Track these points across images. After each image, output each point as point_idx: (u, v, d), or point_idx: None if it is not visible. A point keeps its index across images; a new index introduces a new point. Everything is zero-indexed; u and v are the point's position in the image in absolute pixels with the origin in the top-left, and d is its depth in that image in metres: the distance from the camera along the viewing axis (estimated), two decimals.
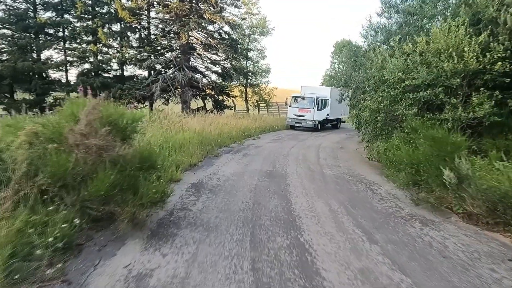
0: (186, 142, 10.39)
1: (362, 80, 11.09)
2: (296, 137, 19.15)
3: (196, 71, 24.11)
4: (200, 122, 15.01)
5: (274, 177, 8.53)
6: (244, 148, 13.36)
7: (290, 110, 23.75)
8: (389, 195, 7.29)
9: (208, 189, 7.04)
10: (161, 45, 22.98)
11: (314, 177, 8.75)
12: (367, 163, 11.71)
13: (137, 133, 5.66)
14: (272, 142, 15.90)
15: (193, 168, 9.06)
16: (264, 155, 12.02)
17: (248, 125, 19.67)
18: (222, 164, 9.83)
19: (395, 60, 9.36)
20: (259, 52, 29.70)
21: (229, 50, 22.10)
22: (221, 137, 14.12)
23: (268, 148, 13.74)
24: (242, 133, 16.98)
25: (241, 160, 10.67)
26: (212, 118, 17.74)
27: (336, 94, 25.28)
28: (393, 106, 9.54)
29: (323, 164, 10.79)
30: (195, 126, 13.07)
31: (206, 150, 11.09)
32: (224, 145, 13.54)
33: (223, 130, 15.61)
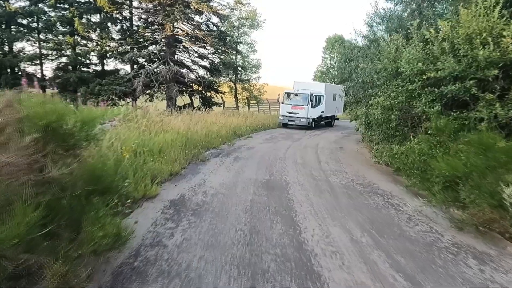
0: (167, 146, 8.76)
1: (369, 72, 9.63)
2: (290, 136, 17.65)
3: (182, 65, 22.35)
4: (186, 121, 13.36)
5: (273, 188, 6.99)
6: (235, 150, 11.78)
7: (282, 107, 22.24)
8: (416, 213, 5.82)
9: (191, 210, 5.45)
10: (144, 37, 21.13)
11: (320, 188, 7.24)
12: (373, 167, 10.29)
13: (90, 141, 4.04)
14: (265, 143, 14.36)
15: (174, 178, 7.44)
16: (258, 158, 10.46)
17: (238, 123, 18.09)
18: (210, 172, 8.24)
19: (413, 49, 7.91)
20: (249, 46, 28.12)
21: (218, 42, 20.41)
22: (209, 138, 12.51)
23: (261, 150, 12.20)
24: (232, 133, 15.38)
25: (232, 166, 9.09)
26: (199, 116, 16.09)
27: (330, 90, 23.94)
28: (409, 103, 8.11)
29: (326, 170, 9.30)
30: (179, 125, 11.43)
31: (191, 154, 9.47)
32: (213, 147, 11.94)
33: (211, 129, 13.99)
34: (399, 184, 8.03)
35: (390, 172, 9.42)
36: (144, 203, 5.56)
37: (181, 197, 6.06)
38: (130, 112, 10.67)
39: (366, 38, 11.20)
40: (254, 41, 28.05)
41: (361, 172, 9.30)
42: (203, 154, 10.29)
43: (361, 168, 9.84)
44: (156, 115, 11.22)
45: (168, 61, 20.58)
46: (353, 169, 9.60)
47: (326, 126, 24.46)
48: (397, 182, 8.24)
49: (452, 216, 5.50)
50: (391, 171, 9.54)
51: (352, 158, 11.83)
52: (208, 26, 21.95)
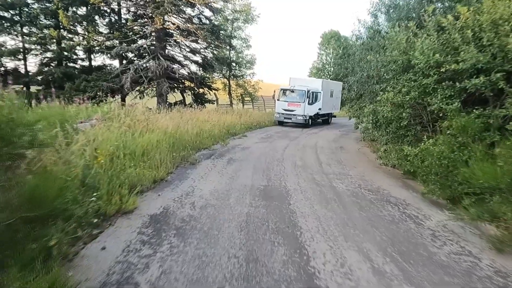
0: (152, 147, 7.78)
1: (375, 66, 8.72)
2: (286, 134, 16.72)
3: (173, 60, 21.26)
4: (175, 119, 12.36)
5: (272, 198, 6.06)
6: (228, 151, 10.82)
7: (278, 105, 21.29)
8: (440, 228, 4.94)
9: (175, 228, 4.50)
10: (133, 31, 20.01)
11: (325, 196, 6.33)
12: (379, 169, 9.42)
13: (34, 148, 3.07)
14: (261, 142, 13.42)
15: (158, 185, 6.47)
16: (254, 160, 9.53)
17: (232, 121, 17.11)
18: (200, 177, 7.29)
19: (427, 39, 7.01)
20: (243, 41, 27.01)
21: (210, 36, 19.37)
22: (200, 138, 11.54)
23: (257, 150, 11.26)
24: (225, 132, 14.41)
25: (225, 170, 8.15)
26: (190, 114, 15.09)
27: (328, 87, 23.05)
28: (423, 99, 7.23)
29: (329, 173, 8.40)
30: (168, 124, 10.43)
31: (179, 157, 8.51)
32: (204, 148, 10.97)
33: (203, 128, 13.01)
34: (411, 190, 7.17)
35: (399, 175, 8.56)
36: (118, 220, 4.60)
37: (164, 211, 5.10)
38: (113, 109, 9.64)
39: (370, 29, 10.30)
40: (248, 36, 27.07)
41: (367, 175, 8.43)
42: (193, 156, 9.32)
43: (366, 171, 8.96)
44: (142, 112, 10.21)
45: (158, 56, 19.50)
46: (358, 172, 8.72)
47: (323, 123, 23.59)
48: (409, 188, 7.38)
49: (484, 233, 4.65)
50: (400, 174, 8.68)
51: (355, 159, 10.96)
52: (200, 20, 20.89)
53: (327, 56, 39.11)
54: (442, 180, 5.92)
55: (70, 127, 7.28)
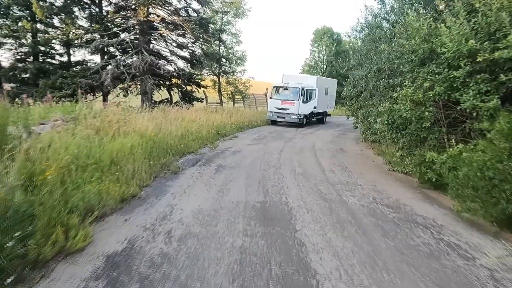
0: (124, 155, 6.38)
1: (387, 57, 7.46)
2: (280, 135, 15.43)
3: (159, 56, 19.75)
4: (158, 119, 10.94)
5: (272, 221, 4.73)
6: (217, 156, 9.46)
7: (271, 103, 19.98)
8: (500, 268, 3.70)
9: (139, 278, 3.13)
10: (114, 23, 18.42)
11: (338, 217, 5.04)
12: (389, 175, 8.22)
13: None
14: (254, 144, 12.08)
15: (127, 205, 5.07)
16: (246, 167, 8.20)
17: (222, 121, 15.74)
18: (182, 191, 5.92)
19: (456, 24, 5.78)
20: (234, 36, 25.57)
21: (198, 30, 17.92)
22: (186, 140, 10.15)
23: (250, 154, 9.93)
24: (215, 133, 13.04)
25: (213, 180, 6.79)
26: (176, 113, 13.66)
27: (322, 84, 21.84)
28: (450, 95, 5.99)
29: (335, 182, 7.13)
30: (148, 125, 9.01)
31: (159, 164, 7.12)
32: (190, 152, 9.58)
33: (190, 129, 11.62)
34: (436, 205, 5.95)
35: (415, 184, 7.35)
36: (58, 266, 3.22)
37: (127, 247, 3.72)
38: (82, 108, 8.18)
39: (377, 17, 9.06)
40: (239, 31, 25.61)
41: (379, 184, 7.18)
42: (176, 162, 7.94)
43: (376, 179, 7.72)
44: (117, 112, 8.75)
45: (142, 50, 17.97)
46: (367, 180, 7.47)
47: (317, 123, 22.35)
48: (433, 201, 6.15)
49: None
50: (415, 183, 7.48)
51: (359, 163, 9.73)
52: (188, 12, 19.39)
53: (319, 53, 37.90)
54: (485, 196, 4.69)
55: (22, 130, 5.88)
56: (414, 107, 6.29)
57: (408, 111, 6.25)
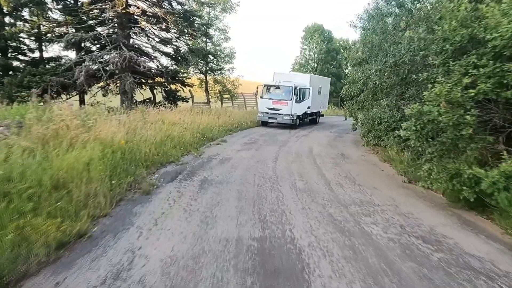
0: (77, 173, 4.80)
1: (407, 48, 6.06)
2: (273, 138, 13.97)
3: (140, 52, 18.06)
4: (133, 123, 9.34)
5: (277, 274, 3.25)
6: (202, 166, 7.93)
7: (261, 103, 18.50)
8: None
9: None
10: (89, 16, 16.64)
11: (367, 263, 3.60)
12: (406, 189, 6.90)
13: None
14: (244, 150, 10.58)
15: (67, 253, 3.51)
16: (237, 181, 6.70)
17: (209, 123, 14.18)
18: (153, 224, 4.39)
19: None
20: (221, 32, 23.95)
21: (182, 23, 16.29)
22: (165, 147, 8.58)
23: (241, 163, 8.44)
24: (200, 136, 11.48)
25: (195, 204, 5.27)
26: (156, 115, 12.05)
27: (316, 83, 20.48)
28: (499, 94, 4.63)
29: (347, 202, 5.71)
30: (117, 131, 7.42)
31: (125, 183, 5.57)
32: (170, 162, 8.02)
33: (171, 133, 10.06)
34: (482, 234, 4.61)
35: (441, 201, 6.02)
36: None
37: None
38: (33, 111, 6.53)
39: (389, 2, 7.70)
40: (227, 27, 24.00)
41: (400, 203, 5.81)
42: (150, 178, 6.39)
43: (394, 195, 6.35)
44: (77, 115, 7.12)
45: (120, 45, 16.24)
46: (384, 198, 6.09)
47: (310, 123, 20.97)
48: (474, 228, 4.81)
49: None
50: (441, 199, 6.15)
51: (367, 172, 8.35)
52: (171, 4, 17.71)
53: (310, 51, 36.49)
54: None
55: None
56: (451, 110, 4.90)
57: (443, 115, 4.86)
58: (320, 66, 34.68)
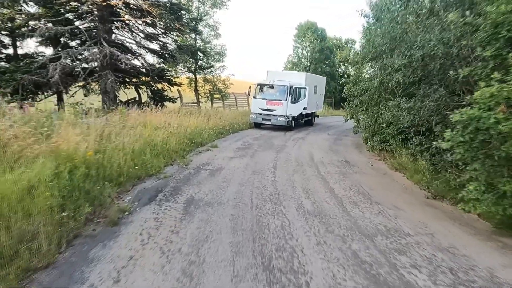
0: (10, 205, 3.45)
1: (438, 39, 4.86)
2: (268, 142, 12.72)
3: (125, 49, 16.59)
4: (108, 128, 7.96)
5: None
6: (189, 180, 6.62)
7: (254, 103, 17.20)
8: None
9: None
10: (65, 8, 15.08)
11: None
12: (435, 208, 5.72)
13: None
14: (237, 157, 9.29)
15: None
16: (231, 202, 5.41)
17: (198, 125, 12.84)
18: (115, 278, 3.06)
19: None
20: (212, 29, 22.50)
21: (168, 16, 14.89)
22: (144, 157, 7.24)
23: (235, 176, 7.15)
24: (188, 142, 10.15)
25: (176, 240, 3.96)
26: (139, 117, 10.66)
27: (312, 82, 19.28)
28: None
29: (371, 232, 4.49)
30: (82, 139, 6.03)
31: (84, 211, 4.22)
32: (150, 175, 6.68)
33: (154, 139, 8.71)
34: None
35: (483, 228, 4.86)
36: None
37: None
38: None
39: None
40: (217, 23, 22.56)
41: (435, 231, 4.62)
42: (121, 200, 5.08)
43: (422, 217, 5.16)
44: (29, 120, 5.72)
45: (101, 41, 14.75)
46: (412, 222, 4.90)
47: (305, 125, 19.77)
48: None
49: None
50: (483, 224, 4.99)
51: (381, 185, 7.15)
52: None
53: (303, 50, 35.24)
54: None
55: None
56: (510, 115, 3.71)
57: (502, 123, 3.66)
58: (314, 65, 33.44)
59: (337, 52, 37.65)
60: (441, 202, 6.09)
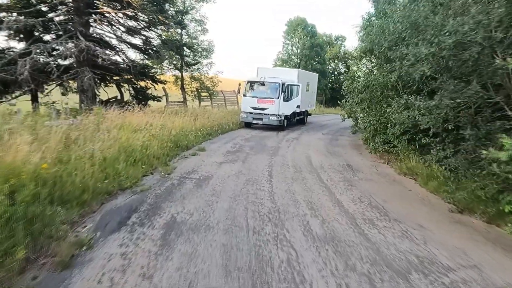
0: None
1: (476, 21, 3.88)
2: (261, 143, 11.67)
3: (104, 44, 15.23)
4: (78, 132, 6.78)
5: None
6: (170, 194, 5.50)
7: (245, 102, 16.10)
8: None
9: None
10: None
11: None
12: (464, 225, 4.79)
13: None
14: (228, 162, 8.21)
15: None
16: (221, 226, 4.32)
17: (184, 126, 11.69)
18: None
19: None
20: (198, 23, 21.18)
21: (151, 7, 13.65)
22: (118, 166, 6.08)
23: (225, 187, 6.07)
24: (171, 145, 8.99)
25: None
26: (117, 118, 9.47)
27: (304, 79, 18.28)
28: None
29: (402, 265, 3.49)
30: (36, 149, 4.87)
31: (16, 256, 3.09)
32: (123, 189, 5.54)
33: (132, 143, 7.54)
34: None
35: None
36: None
37: None
38: None
39: None
40: (204, 17, 21.27)
41: (482, 263, 3.65)
42: (80, 227, 3.95)
43: (457, 242, 4.19)
44: None
45: (77, 34, 13.41)
46: (447, 249, 3.93)
47: (298, 124, 18.76)
48: None
49: None
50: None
51: (394, 195, 6.20)
52: None
53: (293, 46, 34.18)
54: None
55: None
56: None
57: None
58: (304, 62, 32.39)
59: (328, 49, 36.77)
60: (469, 217, 5.15)
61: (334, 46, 37.53)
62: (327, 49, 36.70)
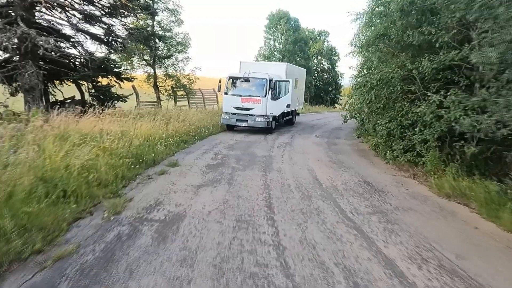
0: None
1: None
2: (248, 151, 9.37)
3: (57, 34, 12.46)
4: None
5: None
6: (109, 262, 3.12)
7: (226, 101, 13.70)
8: None
9: None
10: None
11: None
12: None
13: None
14: (206, 186, 5.85)
15: None
16: None
17: (152, 133, 9.21)
18: None
19: None
20: (171, 13, 18.41)
21: None
22: (29, 207, 3.63)
23: (204, 237, 3.74)
24: (131, 161, 6.54)
25: None
26: (57, 125, 6.91)
27: (292, 74, 16.02)
28: None
29: None
30: None
31: None
32: (25, 258, 3.13)
33: (66, 163, 5.07)
34: None
35: None
36: None
37: None
38: None
39: None
40: (178, 7, 18.58)
41: None
42: None
43: None
44: None
45: (17, 20, 10.63)
46: None
47: (286, 124, 16.55)
48: None
49: None
50: None
51: (464, 241, 4.07)
52: None
53: (275, 41, 31.89)
54: None
55: None
56: None
57: None
58: (287, 58, 30.17)
59: (311, 44, 34.77)
60: None
61: (317, 41, 35.58)
62: (310, 45, 34.70)
